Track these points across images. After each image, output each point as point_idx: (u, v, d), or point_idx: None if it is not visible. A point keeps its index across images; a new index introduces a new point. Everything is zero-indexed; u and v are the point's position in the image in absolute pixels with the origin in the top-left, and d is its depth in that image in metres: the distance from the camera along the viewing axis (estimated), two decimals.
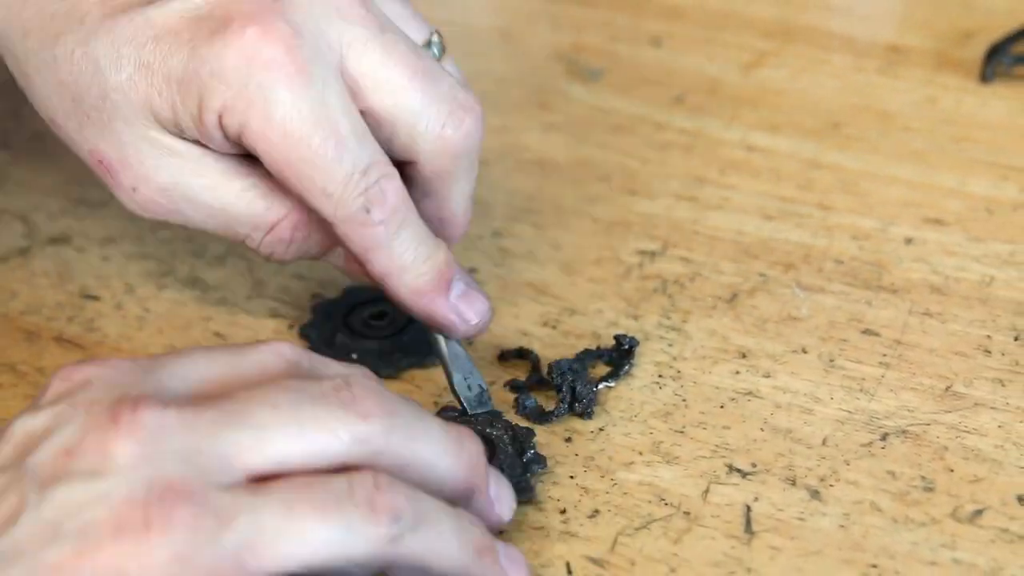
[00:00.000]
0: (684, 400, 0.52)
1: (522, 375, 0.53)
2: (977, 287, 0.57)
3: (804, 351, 0.54)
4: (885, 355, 0.53)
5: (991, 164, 0.64)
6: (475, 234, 0.59)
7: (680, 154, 0.65)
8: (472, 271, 0.57)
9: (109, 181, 0.50)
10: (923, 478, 0.48)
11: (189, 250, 0.60)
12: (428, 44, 0.52)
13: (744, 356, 0.53)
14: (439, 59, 0.52)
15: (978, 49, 0.71)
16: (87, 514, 0.37)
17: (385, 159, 0.48)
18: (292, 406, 0.40)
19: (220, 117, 0.47)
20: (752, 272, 0.58)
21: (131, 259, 0.59)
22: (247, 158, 0.49)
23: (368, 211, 0.48)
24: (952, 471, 0.49)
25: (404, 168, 0.50)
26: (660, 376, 0.53)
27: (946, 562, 0.45)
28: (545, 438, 0.50)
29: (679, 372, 0.53)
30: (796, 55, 0.72)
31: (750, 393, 0.52)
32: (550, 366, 0.52)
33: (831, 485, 0.48)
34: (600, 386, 0.52)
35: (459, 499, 0.43)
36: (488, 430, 0.49)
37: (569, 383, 0.51)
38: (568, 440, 0.50)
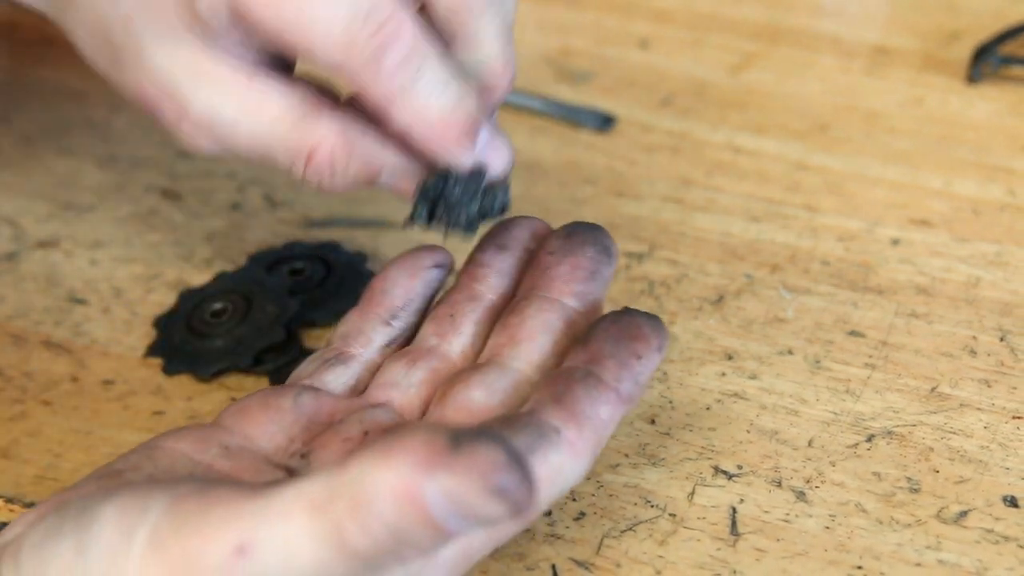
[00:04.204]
0: (670, 402, 0.52)
1: None
2: (963, 288, 0.57)
3: (790, 352, 0.54)
4: (871, 356, 0.53)
5: (977, 165, 0.64)
6: None
7: (667, 156, 0.65)
8: None
9: (159, 119, 0.49)
10: (908, 479, 0.48)
11: (177, 254, 0.60)
12: None
13: (730, 358, 0.54)
14: None
15: (964, 50, 0.71)
16: None
17: None
18: None
19: None
20: (738, 273, 0.58)
21: (119, 263, 0.59)
22: (280, 83, 0.48)
23: (381, 57, 0.45)
24: (937, 472, 0.49)
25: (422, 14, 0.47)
26: None
27: (931, 563, 0.46)
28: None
29: (665, 374, 0.53)
30: (783, 57, 0.72)
31: (736, 395, 0.52)
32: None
33: (817, 486, 0.48)
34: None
35: None
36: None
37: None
38: None
